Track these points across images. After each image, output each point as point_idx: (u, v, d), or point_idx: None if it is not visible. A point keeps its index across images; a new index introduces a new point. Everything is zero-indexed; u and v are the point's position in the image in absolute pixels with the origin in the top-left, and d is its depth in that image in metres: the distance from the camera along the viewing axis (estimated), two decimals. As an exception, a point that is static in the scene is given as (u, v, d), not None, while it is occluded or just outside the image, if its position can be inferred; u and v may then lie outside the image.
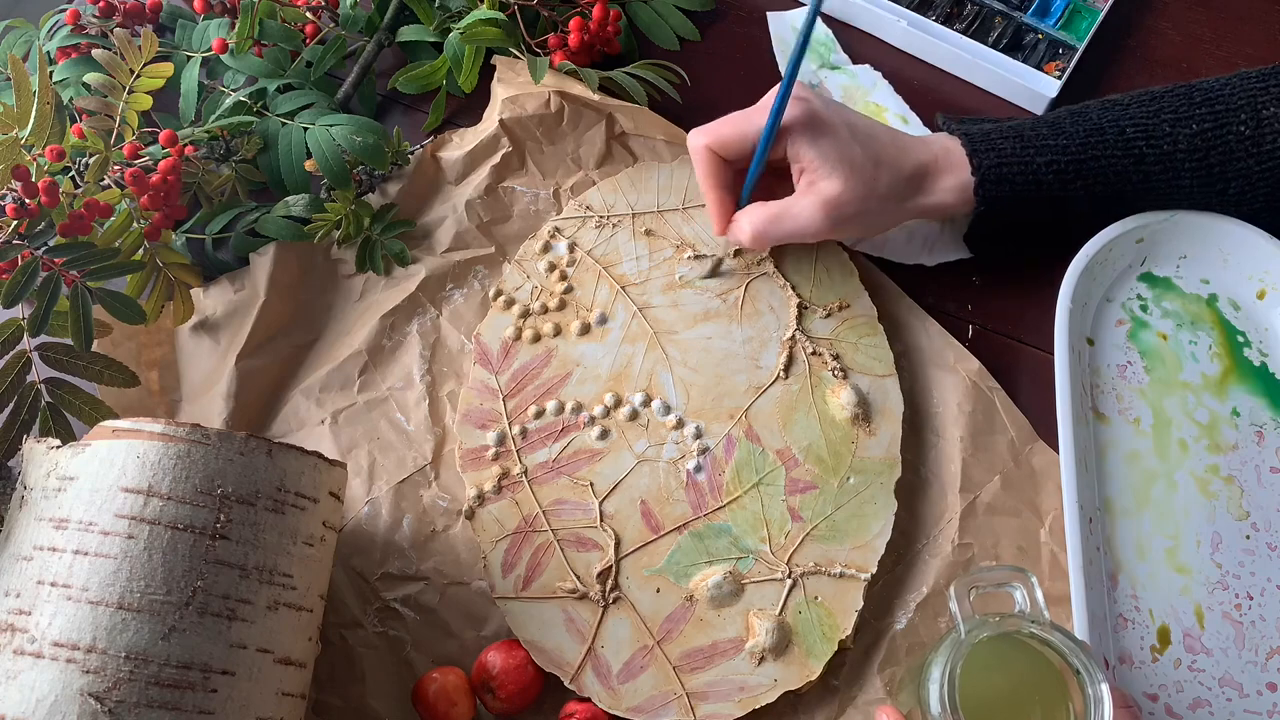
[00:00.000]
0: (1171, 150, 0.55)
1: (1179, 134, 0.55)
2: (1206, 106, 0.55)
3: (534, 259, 0.60)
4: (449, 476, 0.56)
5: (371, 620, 0.53)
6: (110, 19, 0.64)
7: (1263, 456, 0.56)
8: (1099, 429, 0.57)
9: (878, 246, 0.62)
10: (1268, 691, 0.52)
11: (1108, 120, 0.56)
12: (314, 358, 0.59)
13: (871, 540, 0.54)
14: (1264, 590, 0.54)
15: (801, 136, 0.54)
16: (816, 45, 0.68)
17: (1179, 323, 0.59)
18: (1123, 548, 0.54)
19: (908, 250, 0.62)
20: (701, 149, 0.56)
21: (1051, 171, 0.56)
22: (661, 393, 0.57)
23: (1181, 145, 0.55)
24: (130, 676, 0.40)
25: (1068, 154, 0.56)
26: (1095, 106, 0.58)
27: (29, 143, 0.51)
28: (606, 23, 0.65)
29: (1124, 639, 0.53)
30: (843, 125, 0.55)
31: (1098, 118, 0.57)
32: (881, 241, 0.62)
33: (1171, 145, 0.55)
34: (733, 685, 0.51)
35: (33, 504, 0.44)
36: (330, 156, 0.59)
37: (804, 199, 0.55)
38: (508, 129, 0.62)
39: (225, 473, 0.44)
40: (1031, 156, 0.56)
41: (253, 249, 0.59)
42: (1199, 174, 0.56)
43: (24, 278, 0.50)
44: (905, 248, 0.62)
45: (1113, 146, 0.56)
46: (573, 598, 0.53)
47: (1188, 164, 0.55)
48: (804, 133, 0.54)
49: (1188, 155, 0.55)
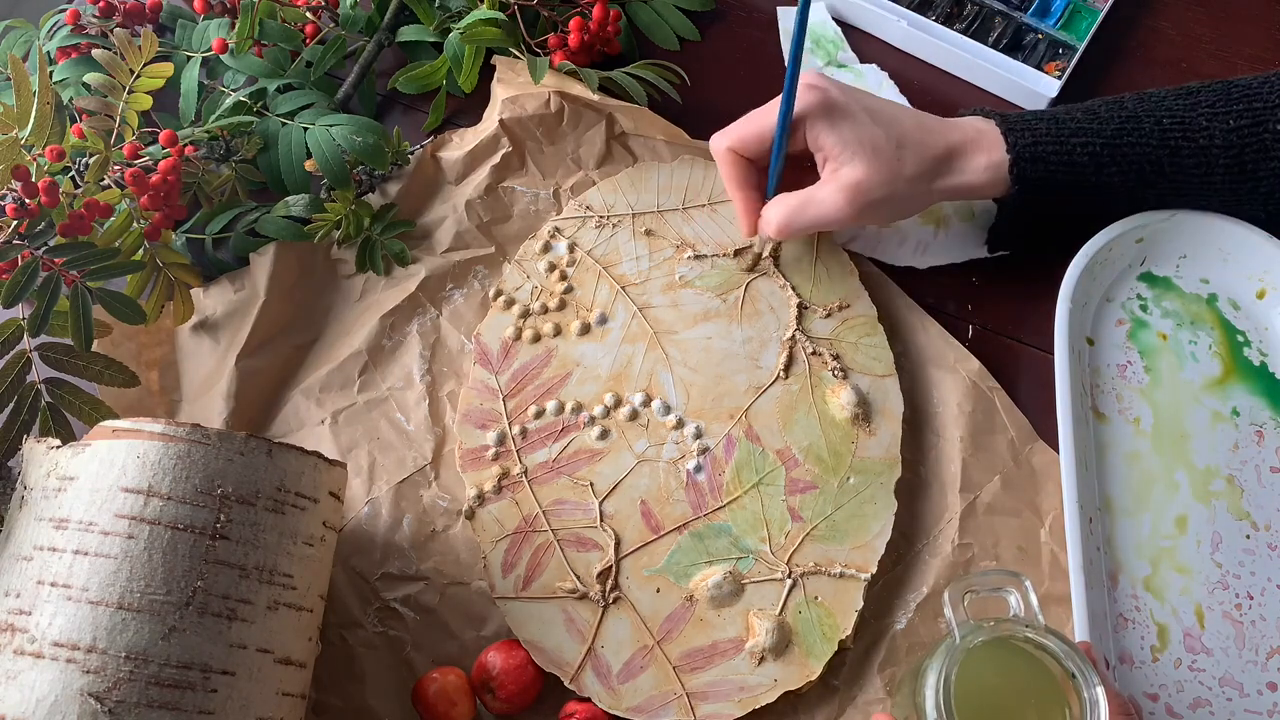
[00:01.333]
0: (1207, 145, 0.55)
1: (1215, 128, 0.55)
2: (1244, 103, 0.55)
3: (534, 259, 0.60)
4: (449, 476, 0.56)
5: (371, 620, 0.53)
6: (110, 19, 0.64)
7: (1263, 456, 0.56)
8: (1099, 429, 0.57)
9: (869, 247, 0.62)
10: (1268, 691, 0.52)
11: (1144, 110, 0.56)
12: (314, 358, 0.59)
13: (871, 540, 0.54)
14: (1264, 590, 0.54)
15: (819, 123, 0.54)
16: (824, 43, 0.68)
17: (1179, 322, 0.59)
18: (1123, 548, 0.54)
19: (900, 252, 0.62)
20: (724, 151, 0.56)
21: (1087, 154, 0.55)
22: (661, 393, 0.57)
23: (1218, 140, 0.55)
24: (130, 676, 0.40)
25: (1103, 138, 0.55)
26: (1131, 97, 0.57)
27: (29, 143, 0.51)
28: (606, 23, 0.65)
29: (1124, 639, 0.53)
30: (861, 110, 0.55)
31: (1134, 107, 0.56)
32: (874, 242, 0.62)
33: (1208, 140, 0.55)
34: (733, 685, 0.51)
35: (33, 504, 0.44)
36: (330, 156, 0.59)
37: (827, 186, 0.55)
38: (508, 129, 0.62)
39: (225, 473, 0.44)
40: (1066, 138, 0.55)
41: (253, 249, 0.59)
42: (1232, 170, 0.55)
43: (24, 278, 0.50)
44: (898, 250, 0.62)
45: (1149, 135, 0.55)
46: (573, 598, 0.53)
47: (1222, 160, 0.55)
48: (821, 119, 0.54)
49: (1223, 151, 0.55)
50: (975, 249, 0.62)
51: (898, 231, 0.62)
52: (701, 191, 0.62)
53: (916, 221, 0.62)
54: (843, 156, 0.54)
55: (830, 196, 0.54)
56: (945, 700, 0.44)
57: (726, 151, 0.56)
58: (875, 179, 0.54)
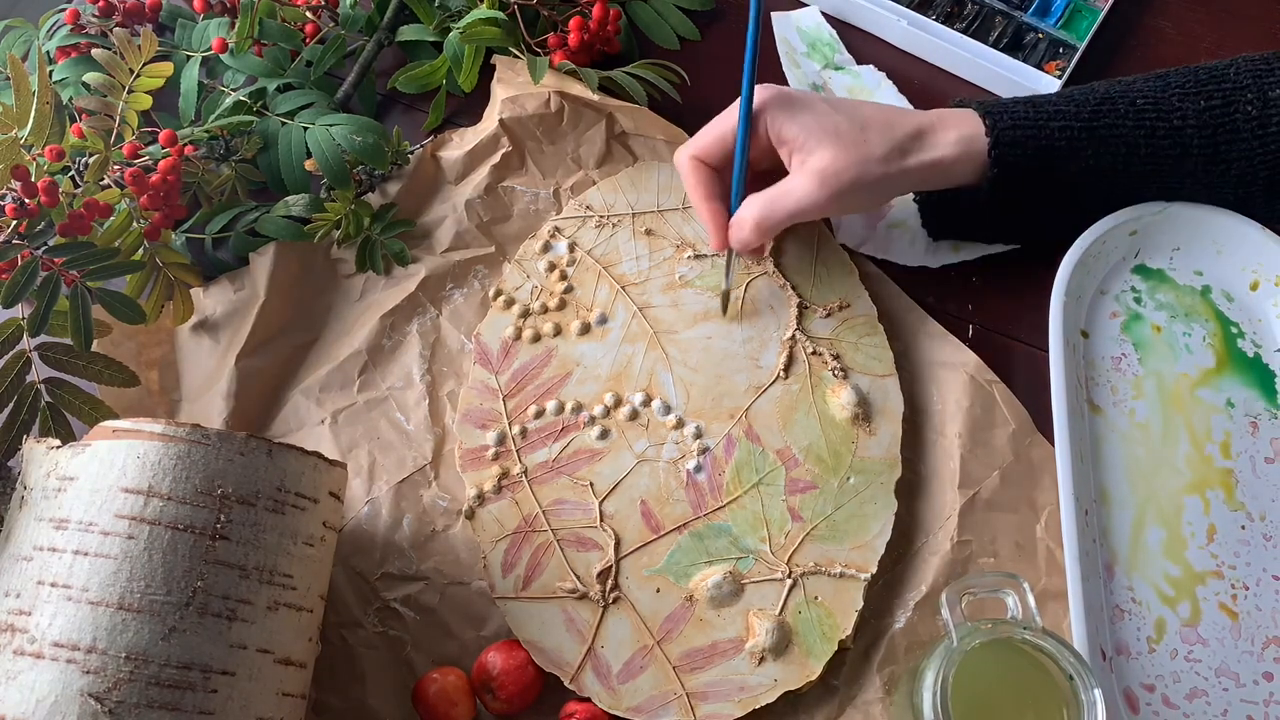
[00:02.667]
0: (1181, 125, 0.55)
1: (1188, 109, 0.55)
2: (1214, 84, 0.55)
3: (534, 259, 0.60)
4: (449, 476, 0.56)
5: (371, 620, 0.53)
6: (110, 18, 0.64)
7: (1257, 447, 0.56)
8: (1094, 421, 0.57)
9: (881, 248, 0.62)
10: (1264, 681, 0.52)
11: (1118, 92, 0.56)
12: (314, 358, 0.59)
13: (871, 540, 0.54)
14: (1259, 580, 0.54)
15: (780, 115, 0.54)
16: (820, 46, 0.68)
17: (1173, 314, 0.60)
18: (1119, 539, 0.54)
19: (911, 253, 0.62)
20: (687, 161, 0.56)
21: (1065, 138, 0.55)
22: (661, 392, 0.57)
23: (1191, 121, 0.55)
24: (130, 677, 0.40)
25: (1080, 120, 0.55)
26: (1103, 83, 0.57)
27: (29, 142, 0.51)
28: (606, 22, 0.65)
29: (1120, 630, 0.53)
30: (819, 100, 0.55)
31: (1106, 89, 0.56)
32: (885, 244, 0.62)
33: (1181, 120, 0.55)
34: (733, 685, 0.51)
35: (33, 504, 0.44)
36: (330, 156, 0.59)
37: (797, 176, 0.54)
38: (508, 129, 0.62)
39: (225, 473, 0.44)
40: (1045, 122, 0.55)
41: (253, 249, 0.59)
42: (1205, 151, 0.55)
43: (24, 278, 0.50)
44: (908, 250, 0.62)
45: (1124, 116, 0.55)
46: (573, 598, 0.53)
47: (1195, 140, 0.55)
48: (781, 110, 0.54)
49: (1196, 131, 0.55)
50: (986, 245, 0.62)
51: (906, 232, 0.62)
52: (701, 191, 0.62)
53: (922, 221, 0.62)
54: (808, 144, 0.54)
55: (802, 185, 0.54)
56: (942, 702, 0.44)
57: (689, 160, 0.56)
58: (843, 161, 0.53)
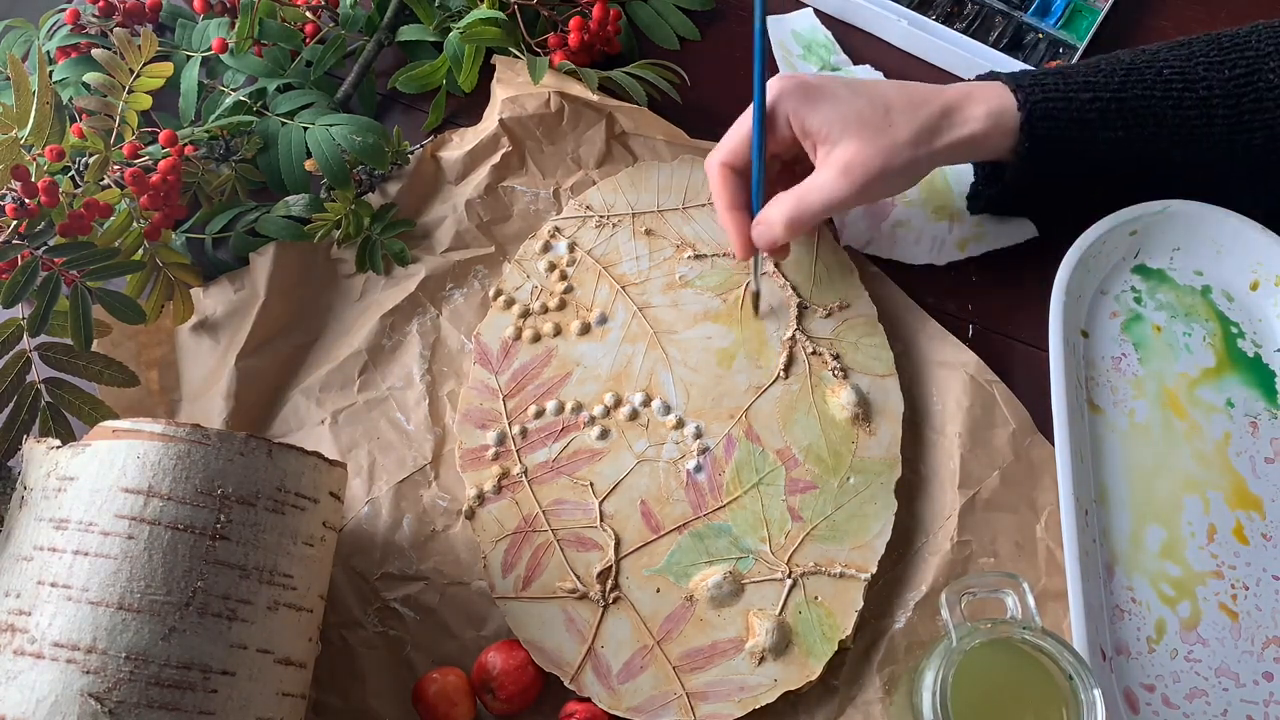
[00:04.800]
0: (1207, 95, 0.54)
1: (1213, 78, 0.54)
2: (1237, 53, 0.54)
3: (534, 259, 0.60)
4: (449, 476, 0.56)
5: (371, 620, 0.53)
6: (110, 18, 0.64)
7: (1257, 447, 0.56)
8: (1094, 421, 0.57)
9: (887, 248, 0.62)
10: (1264, 681, 0.52)
11: (1143, 62, 0.55)
12: (314, 358, 0.59)
13: (871, 540, 0.54)
14: (1259, 580, 0.54)
15: (800, 108, 0.52)
16: (816, 48, 0.68)
17: (1173, 314, 0.60)
18: (1118, 539, 0.54)
19: (917, 251, 0.62)
20: (717, 167, 0.55)
21: (1095, 109, 0.53)
22: (661, 392, 0.57)
23: (1217, 91, 0.54)
24: (130, 677, 0.40)
25: (1109, 90, 0.54)
26: (1125, 52, 0.56)
27: (29, 142, 0.51)
28: (606, 22, 0.65)
29: (1120, 630, 0.53)
30: (839, 86, 0.53)
31: (1131, 59, 0.55)
32: (891, 243, 0.62)
33: (1207, 90, 0.54)
34: (733, 685, 0.51)
35: (33, 504, 0.44)
36: (330, 156, 0.59)
37: (823, 171, 0.53)
38: (508, 129, 0.62)
39: (225, 473, 0.44)
40: (1076, 93, 0.53)
41: (253, 249, 0.59)
42: (1230, 120, 0.54)
43: (24, 278, 0.50)
44: (914, 249, 0.62)
45: (1151, 87, 0.54)
46: (573, 598, 0.53)
47: (1221, 109, 0.54)
48: (800, 103, 0.52)
49: (1222, 100, 0.54)
50: (993, 242, 0.62)
51: (911, 231, 0.62)
52: (702, 191, 0.62)
53: (929, 218, 0.62)
54: (832, 135, 0.52)
55: (829, 179, 0.52)
56: (942, 702, 0.44)
57: (719, 166, 0.55)
58: (869, 150, 0.51)
